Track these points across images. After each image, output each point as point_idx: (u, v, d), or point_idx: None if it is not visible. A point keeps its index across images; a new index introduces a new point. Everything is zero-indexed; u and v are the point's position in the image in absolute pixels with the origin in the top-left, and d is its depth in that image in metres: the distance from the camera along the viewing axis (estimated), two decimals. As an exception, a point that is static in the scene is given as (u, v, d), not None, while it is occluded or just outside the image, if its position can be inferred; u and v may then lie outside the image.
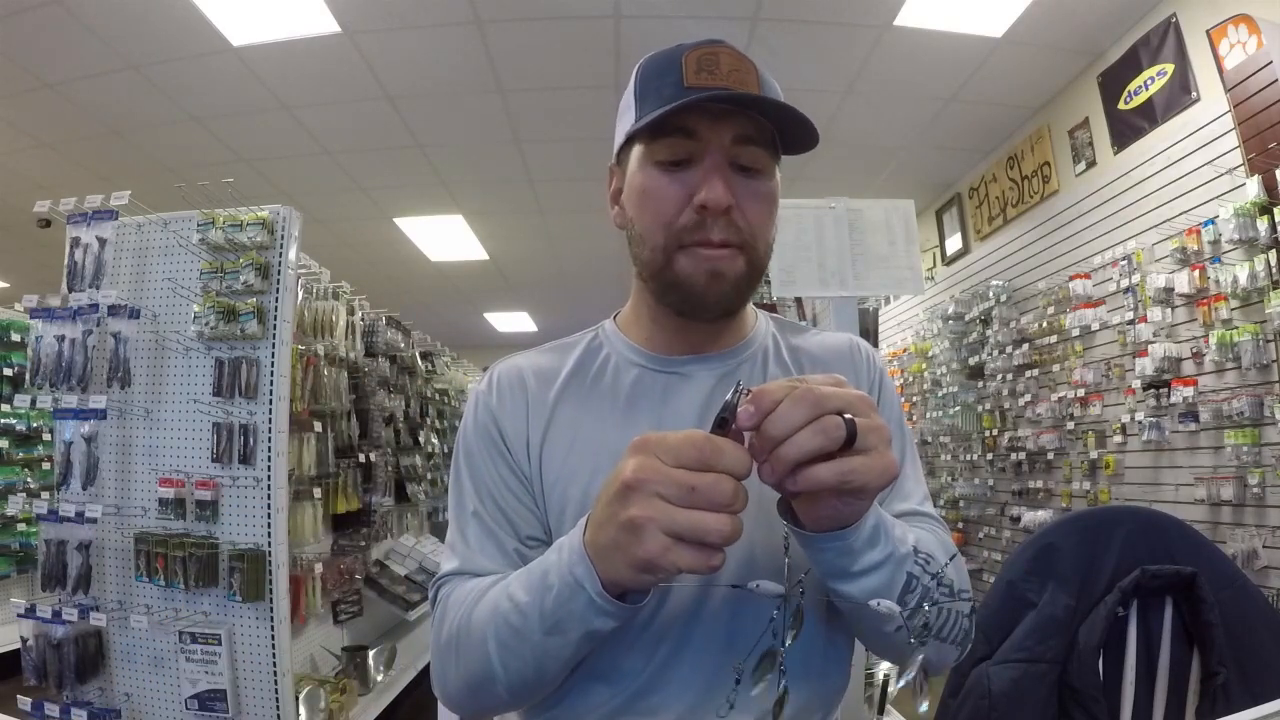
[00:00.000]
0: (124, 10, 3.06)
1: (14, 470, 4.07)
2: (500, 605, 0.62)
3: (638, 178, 0.71)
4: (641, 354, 0.78)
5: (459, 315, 8.73)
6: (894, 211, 2.08)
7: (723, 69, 0.66)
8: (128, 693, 2.15)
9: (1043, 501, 4.05)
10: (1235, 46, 2.70)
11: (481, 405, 0.77)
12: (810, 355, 0.82)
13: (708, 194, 0.66)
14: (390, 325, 3.47)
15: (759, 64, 0.70)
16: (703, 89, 0.65)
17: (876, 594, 0.57)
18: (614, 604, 0.55)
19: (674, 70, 0.67)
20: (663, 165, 0.69)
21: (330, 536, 2.90)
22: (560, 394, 0.76)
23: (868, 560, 0.58)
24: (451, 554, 0.74)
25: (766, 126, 0.69)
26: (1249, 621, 1.03)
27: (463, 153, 4.51)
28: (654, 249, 0.70)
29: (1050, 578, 1.09)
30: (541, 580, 0.59)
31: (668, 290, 0.72)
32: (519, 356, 0.82)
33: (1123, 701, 1.04)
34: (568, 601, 0.56)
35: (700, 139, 0.67)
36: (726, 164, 0.68)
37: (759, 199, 0.70)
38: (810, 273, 2.02)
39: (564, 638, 0.58)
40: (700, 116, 0.66)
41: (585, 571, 0.55)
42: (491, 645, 0.62)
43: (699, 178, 0.67)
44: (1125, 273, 3.28)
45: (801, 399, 0.49)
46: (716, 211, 0.67)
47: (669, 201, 0.68)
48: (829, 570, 0.59)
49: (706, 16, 3.20)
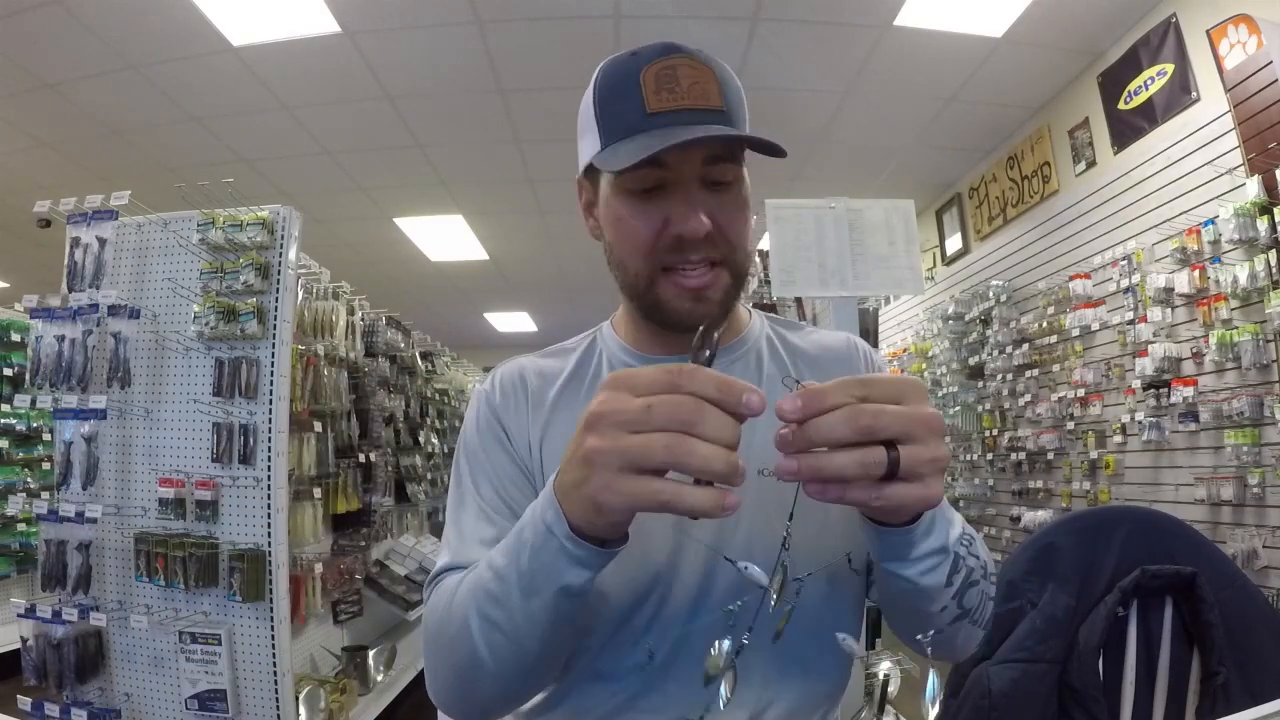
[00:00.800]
0: (124, 10, 3.06)
1: (14, 470, 4.07)
2: (481, 576, 0.60)
3: (613, 206, 0.71)
4: (634, 355, 0.79)
5: (459, 315, 8.73)
6: (894, 211, 2.08)
7: (683, 85, 0.66)
8: (128, 693, 2.15)
9: (1043, 501, 4.05)
10: (1235, 46, 2.70)
11: (485, 403, 0.78)
12: (806, 354, 0.82)
13: (685, 225, 0.66)
14: (390, 325, 3.47)
15: (717, 64, 0.69)
16: (665, 113, 0.65)
17: (931, 576, 0.58)
18: (584, 547, 0.52)
19: (633, 91, 0.66)
20: (635, 193, 0.69)
21: (330, 536, 2.90)
22: (559, 395, 0.77)
23: (925, 547, 0.58)
24: (444, 550, 0.73)
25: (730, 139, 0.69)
26: (1249, 621, 1.03)
27: (463, 153, 4.51)
28: (635, 274, 0.71)
29: (1050, 578, 1.09)
30: (517, 537, 0.57)
31: (652, 311, 0.72)
32: (522, 359, 0.83)
33: (1123, 701, 1.04)
34: (539, 551, 0.54)
35: (670, 167, 0.66)
36: (698, 187, 0.67)
37: (733, 210, 0.70)
38: (810, 273, 2.02)
39: (541, 598, 0.55)
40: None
41: (554, 515, 0.53)
42: (474, 622, 0.59)
43: (672, 205, 0.67)
44: (1125, 273, 3.28)
45: (854, 418, 0.46)
46: (695, 241, 0.67)
47: (646, 229, 0.68)
48: (887, 554, 0.59)
49: (706, 16, 3.20)
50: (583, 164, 0.74)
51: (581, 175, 0.77)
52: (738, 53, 3.47)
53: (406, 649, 3.29)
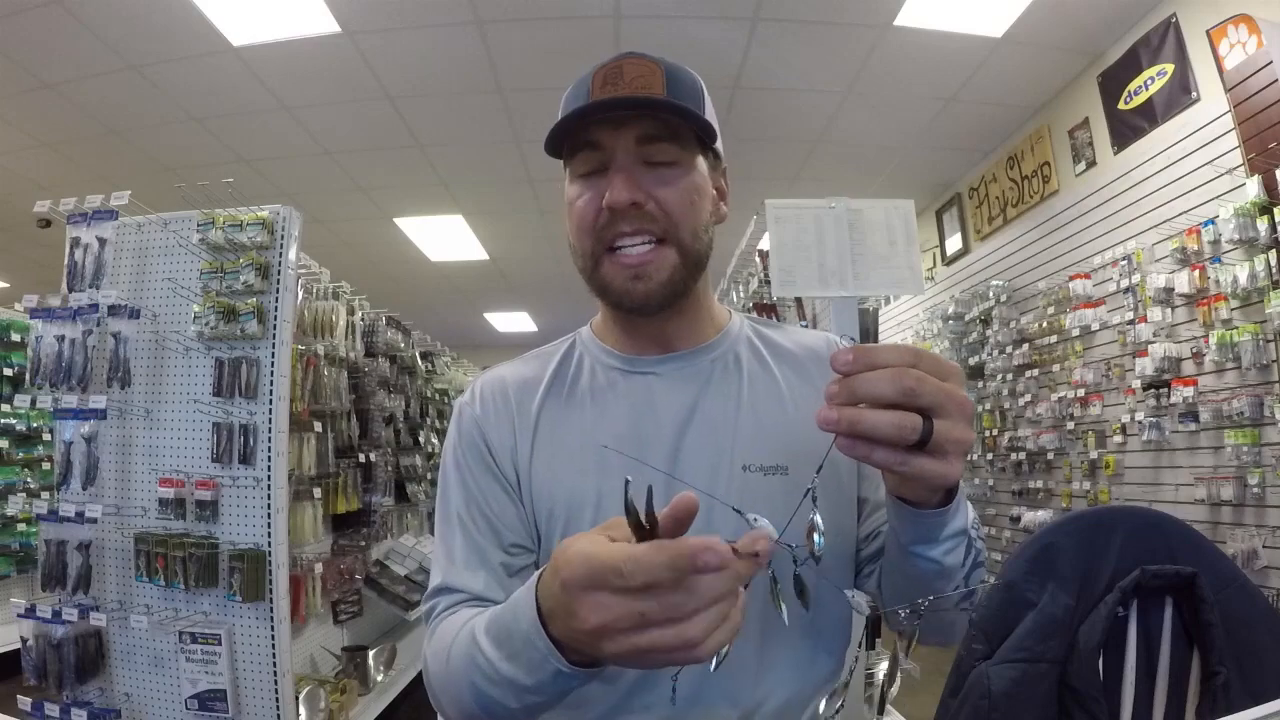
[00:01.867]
0: (124, 10, 3.06)
1: (14, 470, 4.07)
2: (475, 656, 0.59)
3: (567, 193, 0.75)
4: (615, 356, 0.80)
5: (459, 315, 8.73)
6: (894, 211, 2.08)
7: (626, 79, 0.70)
8: (128, 693, 2.15)
9: (1043, 501, 4.05)
10: (1235, 46, 2.70)
11: (467, 417, 0.79)
12: (787, 353, 0.83)
13: (610, 194, 0.70)
14: (390, 325, 3.47)
15: (671, 64, 0.73)
16: (603, 101, 0.69)
17: (952, 556, 0.62)
18: (584, 672, 0.51)
19: (583, 90, 0.71)
20: (581, 177, 0.73)
21: (330, 536, 2.89)
22: (542, 403, 0.78)
23: (952, 528, 0.61)
24: (437, 567, 0.76)
25: (677, 122, 0.71)
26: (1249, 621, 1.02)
27: (463, 153, 4.51)
28: (584, 255, 0.74)
29: (1050, 578, 1.09)
30: (509, 640, 0.55)
31: (604, 294, 0.75)
32: (502, 368, 0.84)
33: (1123, 701, 1.04)
34: (537, 670, 0.53)
35: (604, 148, 0.71)
36: (634, 165, 0.70)
37: (671, 186, 0.72)
38: (810, 273, 2.02)
39: (541, 695, 0.55)
40: (602, 127, 0.70)
41: (548, 649, 0.51)
42: (471, 694, 0.60)
43: (608, 182, 0.71)
44: (1125, 273, 3.28)
45: (899, 378, 0.47)
46: (620, 208, 0.69)
47: (586, 208, 0.72)
48: (918, 537, 0.61)
49: (706, 16, 3.20)
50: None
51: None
52: (738, 53, 3.47)
53: (406, 649, 3.29)
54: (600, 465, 0.73)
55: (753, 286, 2.86)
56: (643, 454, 0.73)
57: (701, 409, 0.76)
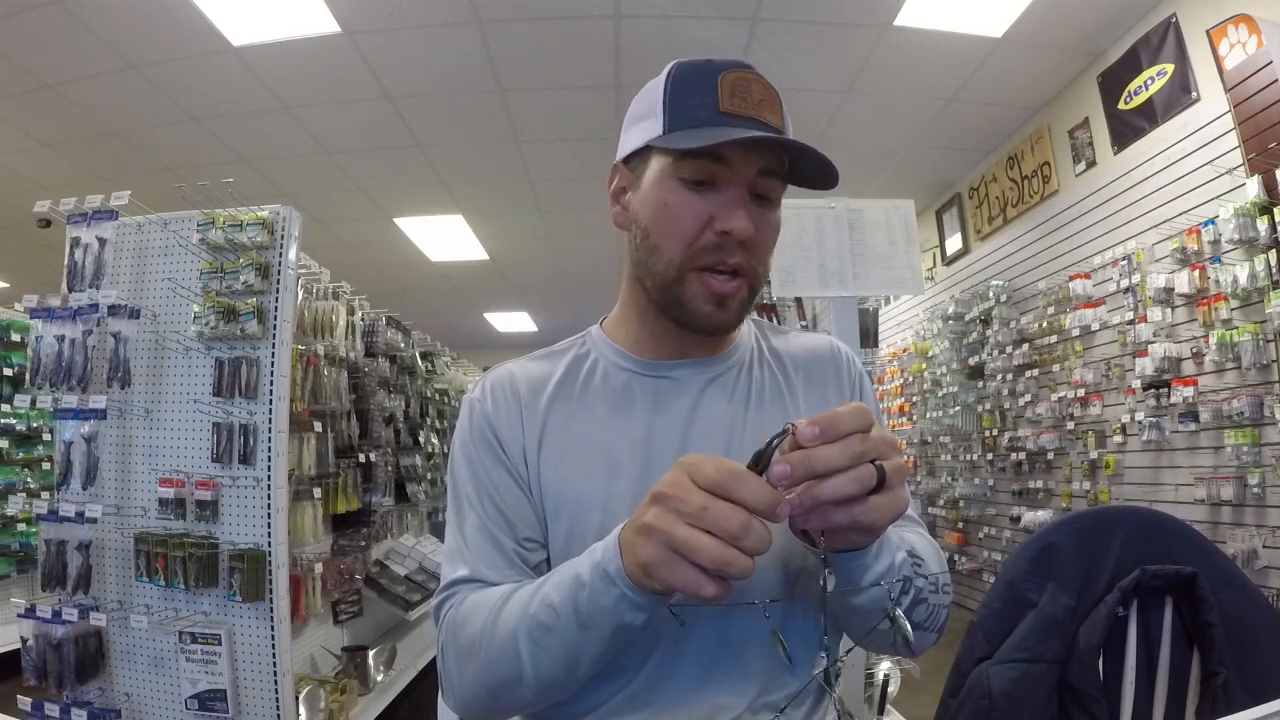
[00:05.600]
0: (124, 10, 3.07)
1: (14, 470, 4.07)
2: (531, 605, 0.63)
3: (659, 190, 0.72)
4: (629, 358, 0.79)
5: (459, 315, 8.73)
6: (894, 211, 2.08)
7: (754, 97, 0.69)
8: (128, 693, 2.15)
9: (1043, 501, 4.05)
10: (1235, 46, 2.70)
11: (477, 411, 0.78)
12: (793, 357, 0.83)
13: (734, 223, 0.68)
14: (390, 325, 3.47)
15: (779, 91, 0.73)
16: (737, 116, 0.68)
17: (879, 599, 0.63)
18: (643, 595, 0.57)
19: (709, 91, 0.69)
20: (687, 183, 0.70)
21: (330, 536, 2.89)
22: (551, 401, 0.77)
23: (874, 573, 0.63)
24: (457, 560, 0.74)
25: (784, 160, 0.71)
26: (1249, 621, 1.03)
27: (463, 153, 4.51)
28: (669, 263, 0.72)
29: (1050, 578, 1.09)
30: (574, 580, 0.61)
31: (672, 305, 0.73)
32: (511, 364, 0.83)
33: (1123, 701, 1.04)
34: (600, 595, 0.58)
35: (730, 165, 0.68)
36: (749, 193, 0.70)
37: (771, 229, 0.73)
38: (810, 273, 2.02)
39: (598, 632, 0.60)
40: (734, 144, 0.68)
41: (617, 568, 0.57)
42: (523, 644, 0.62)
43: (723, 202, 0.69)
44: (1125, 273, 3.28)
45: (849, 447, 0.52)
46: (739, 240, 0.69)
47: (691, 220, 0.70)
48: (842, 580, 0.62)
49: (706, 16, 3.20)
50: (632, 147, 0.75)
51: (619, 160, 0.78)
52: (738, 53, 3.45)
53: (406, 649, 3.29)
54: (609, 467, 0.73)
55: (753, 286, 2.86)
56: (652, 457, 0.73)
57: (712, 415, 0.76)
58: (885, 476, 0.53)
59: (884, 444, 0.54)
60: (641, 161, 0.74)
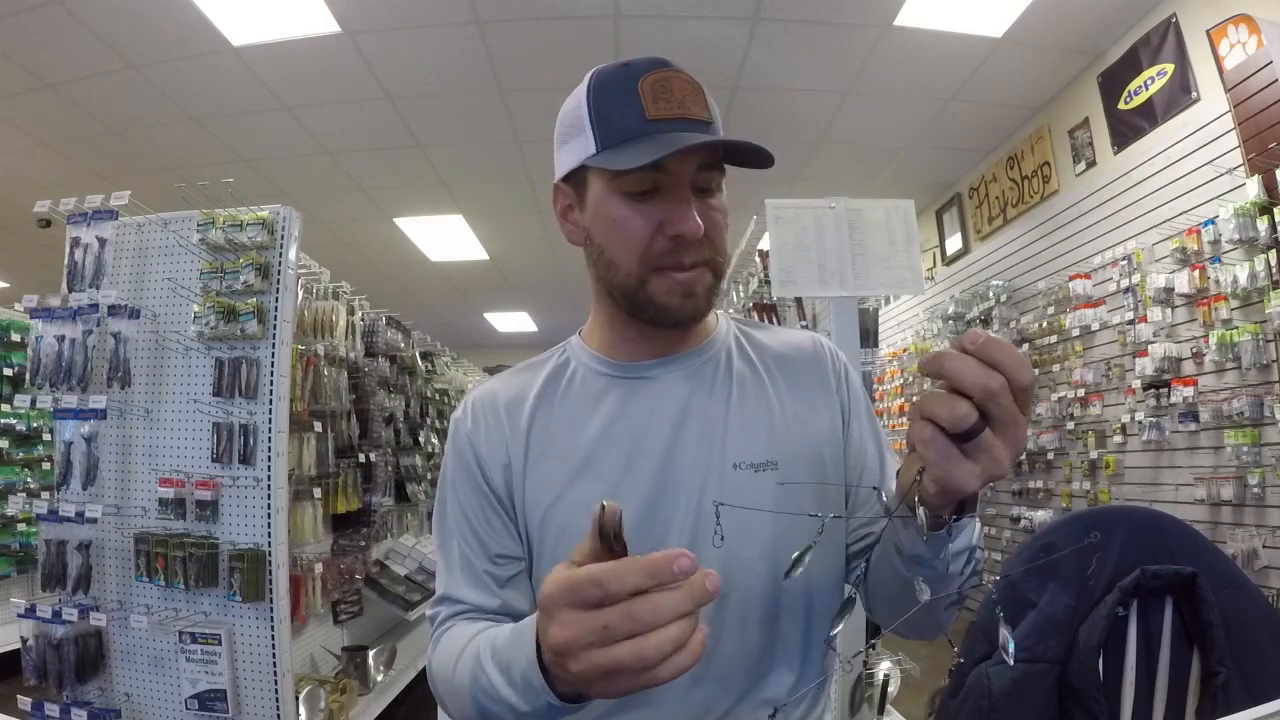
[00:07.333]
0: (124, 10, 3.07)
1: (14, 470, 4.07)
2: (477, 674, 0.62)
3: (604, 207, 0.73)
4: (606, 363, 0.81)
5: (459, 315, 8.73)
6: (894, 211, 2.08)
7: (676, 95, 0.69)
8: (128, 693, 2.15)
9: (1043, 501, 4.05)
10: (1235, 46, 2.70)
11: (461, 433, 0.80)
12: (774, 352, 0.84)
13: (684, 226, 0.69)
14: (390, 325, 3.47)
15: (699, 81, 0.72)
16: (664, 120, 0.68)
17: (954, 566, 0.61)
18: (572, 706, 0.54)
19: (631, 99, 0.69)
20: (631, 196, 0.71)
21: (330, 536, 2.89)
22: (534, 412, 0.79)
23: (959, 545, 0.60)
24: (441, 576, 0.79)
25: (719, 149, 0.71)
26: (1249, 621, 1.03)
27: (463, 153, 4.51)
28: (627, 274, 0.73)
29: (1050, 578, 1.09)
30: (509, 672, 0.58)
31: (642, 307, 0.74)
32: (494, 381, 0.84)
33: (1123, 701, 1.04)
34: (532, 700, 0.55)
35: (669, 171, 0.69)
36: (689, 192, 0.70)
37: (720, 216, 0.74)
38: (810, 273, 2.02)
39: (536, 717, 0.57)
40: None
41: (542, 685, 0.53)
42: (474, 708, 0.63)
43: (669, 207, 0.70)
44: (1125, 273, 3.28)
45: (985, 377, 0.47)
46: (691, 241, 0.70)
47: (642, 231, 0.71)
48: (921, 551, 0.60)
49: (706, 17, 3.20)
50: (568, 167, 0.75)
51: (561, 180, 0.78)
52: (738, 53, 3.47)
53: (406, 649, 3.29)
54: (594, 471, 0.74)
55: (753, 286, 2.86)
56: (636, 456, 0.74)
57: (692, 409, 0.77)
58: (978, 435, 0.48)
59: (1012, 419, 0.48)
60: (581, 180, 0.75)
